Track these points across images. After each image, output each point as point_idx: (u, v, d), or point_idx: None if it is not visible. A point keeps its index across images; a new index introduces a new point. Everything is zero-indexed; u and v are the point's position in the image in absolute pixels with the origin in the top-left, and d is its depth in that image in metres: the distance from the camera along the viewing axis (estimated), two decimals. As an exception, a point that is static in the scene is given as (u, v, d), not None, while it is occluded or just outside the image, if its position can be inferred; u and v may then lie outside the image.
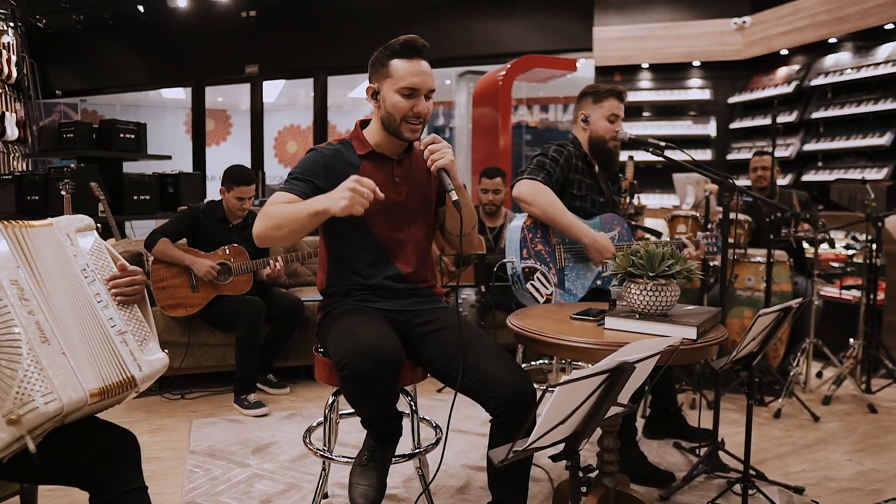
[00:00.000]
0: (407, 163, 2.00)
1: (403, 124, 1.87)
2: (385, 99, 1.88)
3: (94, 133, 6.19)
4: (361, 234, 1.95)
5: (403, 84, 1.84)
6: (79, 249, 1.69)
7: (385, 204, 1.86)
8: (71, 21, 9.41)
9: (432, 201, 2.04)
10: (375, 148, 1.96)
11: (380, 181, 1.89)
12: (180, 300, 3.41)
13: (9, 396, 1.39)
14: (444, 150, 1.81)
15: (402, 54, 1.86)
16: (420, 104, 1.86)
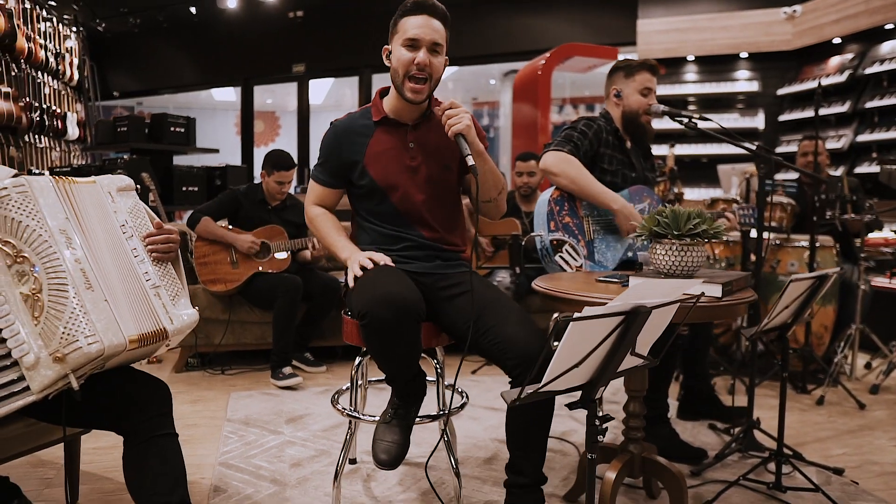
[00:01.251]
0: (424, 129, 2.00)
1: (405, 81, 1.88)
2: (393, 57, 1.91)
3: (146, 127, 6.42)
4: (380, 199, 1.99)
5: (406, 36, 1.86)
6: (119, 206, 1.77)
7: (398, 170, 1.93)
8: (128, 25, 9.78)
9: (452, 168, 2.03)
10: (390, 114, 1.99)
11: (392, 147, 1.95)
12: (220, 276, 3.52)
13: (56, 336, 1.47)
14: (462, 115, 1.82)
15: (410, 11, 1.88)
16: (420, 55, 1.85)
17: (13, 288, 1.49)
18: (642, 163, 2.63)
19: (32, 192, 1.54)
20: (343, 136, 2.00)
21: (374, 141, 1.97)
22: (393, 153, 1.96)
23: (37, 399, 1.49)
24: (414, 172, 1.98)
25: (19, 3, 6.93)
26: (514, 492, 1.84)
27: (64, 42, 8.34)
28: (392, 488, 2.21)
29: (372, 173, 1.96)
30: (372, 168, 1.97)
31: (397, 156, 1.96)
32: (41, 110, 7.32)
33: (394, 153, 1.96)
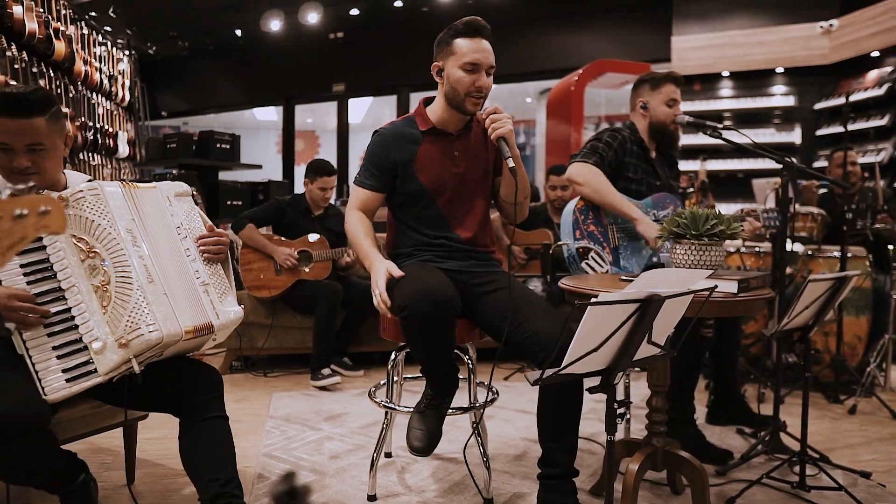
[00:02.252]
0: (465, 138, 2.15)
1: (466, 98, 2.02)
2: (449, 75, 2.04)
3: (193, 144, 6.71)
4: (427, 203, 2.12)
5: (466, 60, 1.99)
6: (175, 210, 1.94)
7: (445, 176, 2.08)
8: (177, 48, 10.22)
9: (489, 172, 2.17)
10: (436, 124, 2.12)
11: (439, 154, 2.09)
12: (264, 282, 3.70)
13: (121, 324, 1.63)
14: (505, 120, 1.95)
15: (464, 33, 2.02)
16: (481, 79, 2.01)
17: (86, 280, 1.66)
18: (667, 171, 2.71)
19: (104, 196, 1.72)
20: (391, 142, 2.12)
21: (423, 149, 2.10)
22: (440, 160, 2.09)
23: (103, 380, 1.65)
24: (459, 178, 2.12)
25: (78, 29, 7.33)
26: (547, 484, 1.93)
27: (117, 65, 8.75)
28: (425, 479, 2.32)
29: (421, 178, 2.09)
30: (421, 174, 2.10)
31: (444, 162, 2.09)
32: (95, 129, 7.69)
33: (441, 160, 2.09)
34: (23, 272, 1.63)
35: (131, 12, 8.38)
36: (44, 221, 0.90)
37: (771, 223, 2.81)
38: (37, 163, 1.71)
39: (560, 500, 1.88)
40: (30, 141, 1.69)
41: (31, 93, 1.69)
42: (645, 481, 2.29)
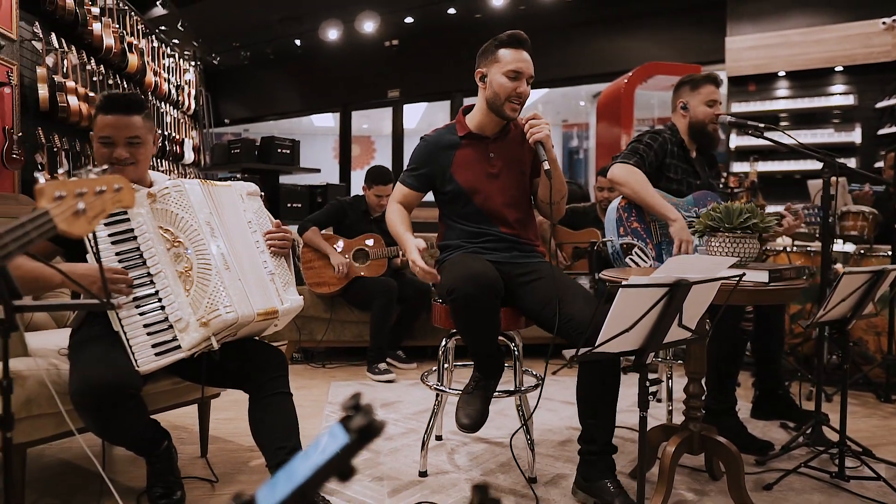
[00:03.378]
0: (501, 141, 2.32)
1: (506, 103, 2.20)
2: (492, 81, 2.21)
3: (255, 149, 7.05)
4: (465, 202, 2.30)
5: (509, 68, 2.17)
6: (247, 207, 2.15)
7: (480, 176, 2.26)
8: (239, 58, 10.64)
9: (525, 173, 2.33)
10: (474, 129, 2.31)
11: (475, 157, 2.28)
12: (324, 280, 3.91)
13: (201, 305, 1.83)
14: (542, 126, 2.13)
15: (508, 44, 2.20)
16: (522, 86, 2.19)
17: (171, 266, 1.87)
18: (707, 171, 2.78)
19: (186, 192, 1.93)
20: (433, 147, 2.33)
21: (460, 153, 2.28)
22: (476, 162, 2.27)
23: (185, 356, 1.85)
24: (494, 178, 2.28)
25: (149, 43, 7.77)
26: (587, 458, 2.06)
27: (183, 75, 9.20)
28: (472, 460, 2.46)
29: (458, 179, 2.28)
30: (458, 175, 2.28)
31: (480, 164, 2.26)
32: (163, 137, 8.12)
33: (477, 162, 2.26)
34: (117, 259, 1.85)
35: (198, 26, 8.80)
36: (118, 196, 1.09)
37: (812, 220, 2.84)
38: (133, 154, 1.96)
39: (598, 475, 2.00)
40: (129, 134, 1.94)
41: (130, 95, 1.95)
42: (684, 467, 2.39)
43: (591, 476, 2.02)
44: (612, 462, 2.03)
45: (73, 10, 5.81)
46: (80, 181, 0.99)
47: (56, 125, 5.61)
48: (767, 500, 2.13)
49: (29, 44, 5.34)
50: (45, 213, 0.90)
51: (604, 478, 1.99)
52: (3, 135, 4.83)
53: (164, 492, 2.01)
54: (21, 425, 1.78)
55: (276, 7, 8.74)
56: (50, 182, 0.95)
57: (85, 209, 0.97)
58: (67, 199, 0.94)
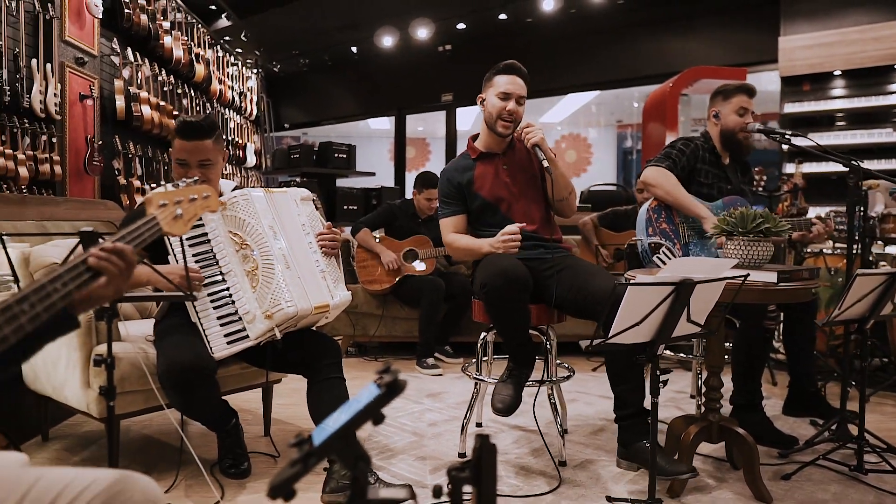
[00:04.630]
0: (510, 155, 2.61)
1: (498, 121, 2.51)
2: (487, 103, 2.54)
3: (314, 154, 7.41)
4: (493, 212, 2.56)
5: (500, 90, 2.50)
6: (301, 211, 2.40)
7: (499, 187, 2.54)
8: (298, 65, 11.07)
9: (537, 177, 2.59)
10: (483, 150, 2.61)
11: (491, 173, 2.56)
12: (376, 277, 4.18)
13: (266, 300, 2.10)
14: (535, 130, 2.42)
15: (503, 71, 2.53)
16: (511, 105, 2.49)
17: (240, 266, 2.14)
18: (739, 177, 2.90)
19: (252, 200, 2.20)
20: (452, 174, 2.62)
21: (478, 171, 2.58)
22: (493, 177, 2.56)
23: (252, 344, 2.12)
24: (512, 187, 2.56)
25: (214, 53, 8.22)
26: (624, 423, 2.31)
27: (246, 82, 9.67)
28: (509, 445, 2.67)
29: (482, 194, 2.56)
30: (481, 190, 2.56)
31: (496, 178, 2.56)
32: (227, 142, 8.58)
33: (494, 176, 2.56)
34: (194, 260, 2.13)
35: (259, 35, 9.23)
36: (206, 203, 1.33)
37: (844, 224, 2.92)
38: (205, 174, 2.23)
39: (634, 437, 2.22)
40: (200, 158, 2.21)
41: (202, 121, 2.21)
42: (707, 457, 2.53)
43: (628, 441, 2.24)
44: (646, 424, 2.22)
45: (146, 26, 6.26)
46: (177, 191, 1.24)
47: (131, 133, 6.06)
48: (784, 489, 2.26)
49: (108, 58, 5.79)
50: (153, 218, 1.15)
51: (640, 439, 2.20)
52: (85, 143, 5.27)
53: (233, 462, 2.29)
54: (116, 399, 2.07)
55: (334, 16, 9.09)
56: (155, 193, 1.21)
57: (182, 214, 1.22)
58: (169, 206, 1.19)
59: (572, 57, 9.27)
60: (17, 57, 4.37)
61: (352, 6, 8.75)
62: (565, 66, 9.44)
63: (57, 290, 0.88)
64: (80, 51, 5.25)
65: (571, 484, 2.28)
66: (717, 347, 2.22)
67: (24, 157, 4.37)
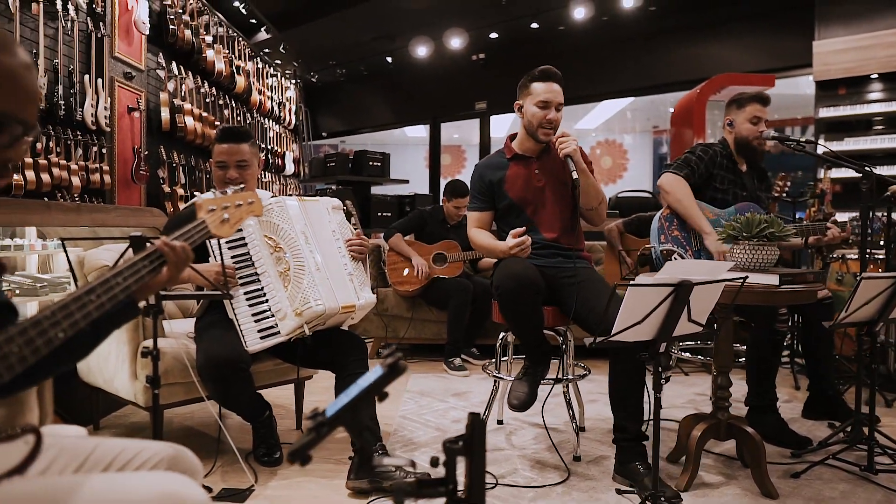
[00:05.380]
0: (544, 159, 2.66)
1: (539, 129, 2.57)
2: (526, 111, 2.59)
3: (349, 162, 7.64)
4: (517, 213, 2.64)
5: (539, 98, 2.55)
6: (332, 219, 2.57)
7: (528, 190, 2.60)
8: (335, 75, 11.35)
9: (567, 185, 2.64)
10: (519, 152, 2.69)
11: (523, 174, 2.63)
12: (406, 279, 4.35)
13: (297, 299, 2.26)
14: (570, 141, 2.47)
15: (539, 78, 2.58)
16: (551, 113, 2.55)
17: (273, 267, 2.31)
18: (755, 183, 2.97)
19: (286, 207, 2.37)
20: (485, 170, 2.72)
21: (510, 172, 2.65)
22: (524, 179, 2.62)
23: (283, 340, 2.29)
24: (541, 192, 2.62)
25: (255, 65, 8.52)
26: (621, 446, 2.34)
27: (285, 92, 9.95)
28: (527, 441, 2.78)
29: (510, 195, 2.63)
30: (510, 191, 2.64)
31: (527, 180, 2.61)
32: (266, 150, 8.85)
33: (524, 179, 2.62)
34: (233, 262, 2.31)
35: (298, 47, 9.52)
36: (250, 208, 1.48)
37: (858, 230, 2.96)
38: (242, 175, 2.44)
39: (630, 459, 2.27)
40: (238, 159, 2.43)
41: (240, 127, 2.44)
42: (720, 455, 2.61)
43: (624, 460, 2.30)
44: (642, 448, 2.29)
45: (190, 41, 6.55)
46: (224, 198, 1.39)
47: (175, 143, 6.35)
48: (793, 486, 2.33)
49: (154, 72, 6.08)
50: (202, 222, 1.31)
51: (635, 461, 2.27)
52: (132, 153, 5.56)
53: (266, 451, 2.46)
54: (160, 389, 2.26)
55: (369, 28, 9.32)
56: (205, 199, 1.36)
57: (228, 218, 1.37)
58: (216, 211, 1.35)
59: (605, 64, 9.32)
60: (72, 73, 4.66)
61: (386, 18, 8.96)
62: (598, 73, 9.50)
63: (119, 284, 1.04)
64: (128, 66, 5.54)
65: (583, 477, 2.38)
66: (724, 348, 2.30)
67: (77, 167, 4.65)
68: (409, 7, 8.60)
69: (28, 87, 0.97)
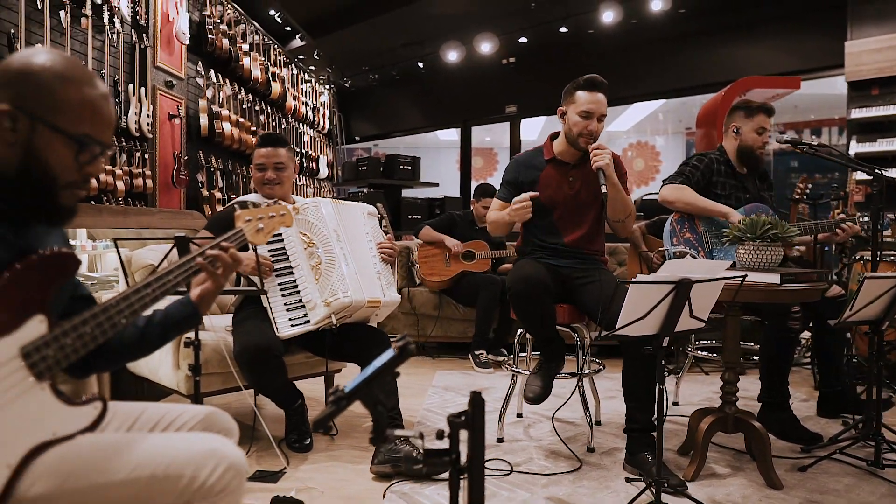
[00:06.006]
0: (581, 167, 2.74)
1: (580, 138, 2.63)
2: (569, 119, 2.66)
3: (380, 166, 7.83)
4: (544, 215, 2.74)
5: (582, 108, 2.61)
6: (366, 222, 2.75)
7: (559, 195, 2.71)
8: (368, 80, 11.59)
9: (598, 195, 2.69)
10: (557, 155, 2.76)
11: (557, 179, 2.71)
12: (436, 271, 4.56)
13: (326, 290, 2.44)
14: (604, 154, 2.54)
15: (584, 87, 2.63)
16: (592, 124, 2.61)
17: (306, 261, 2.49)
18: (757, 185, 3.04)
19: (320, 207, 2.55)
20: (522, 166, 2.82)
21: (545, 173, 2.75)
22: (557, 182, 2.73)
23: (312, 328, 2.46)
24: (572, 198, 2.73)
25: (289, 71, 8.77)
26: (631, 436, 2.46)
27: (319, 98, 10.21)
28: (544, 433, 2.91)
29: (541, 196, 2.70)
30: (541, 192, 2.71)
31: (560, 185, 2.72)
32: (301, 154, 9.10)
33: (557, 182, 2.72)
34: (270, 255, 2.50)
35: (331, 53, 9.77)
36: (282, 220, 1.65)
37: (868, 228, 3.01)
38: (279, 176, 2.69)
39: (639, 449, 2.39)
40: (276, 161, 2.68)
41: (277, 134, 2.66)
42: (729, 448, 2.71)
43: (634, 450, 2.42)
44: (650, 439, 2.40)
45: (227, 50, 6.81)
46: (260, 209, 1.57)
47: (213, 148, 6.61)
48: (798, 479, 2.41)
49: (193, 80, 6.35)
50: (240, 230, 1.48)
51: (643, 451, 2.38)
52: (173, 158, 5.82)
53: (298, 438, 2.64)
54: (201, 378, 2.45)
55: (400, 34, 9.52)
56: (243, 211, 1.54)
57: (263, 227, 1.55)
58: (253, 221, 1.53)
59: (635, 66, 9.35)
60: (117, 83, 4.92)
61: (417, 24, 9.14)
62: (629, 76, 9.53)
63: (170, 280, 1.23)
64: (169, 75, 5.80)
65: (595, 467, 2.51)
66: (731, 345, 2.40)
67: (122, 172, 4.91)
68: (439, 13, 8.77)
69: (106, 114, 1.17)
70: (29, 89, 1.10)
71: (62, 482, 1.02)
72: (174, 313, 1.34)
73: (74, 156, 1.14)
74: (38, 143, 1.11)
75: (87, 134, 1.14)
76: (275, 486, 2.29)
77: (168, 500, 1.06)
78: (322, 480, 2.36)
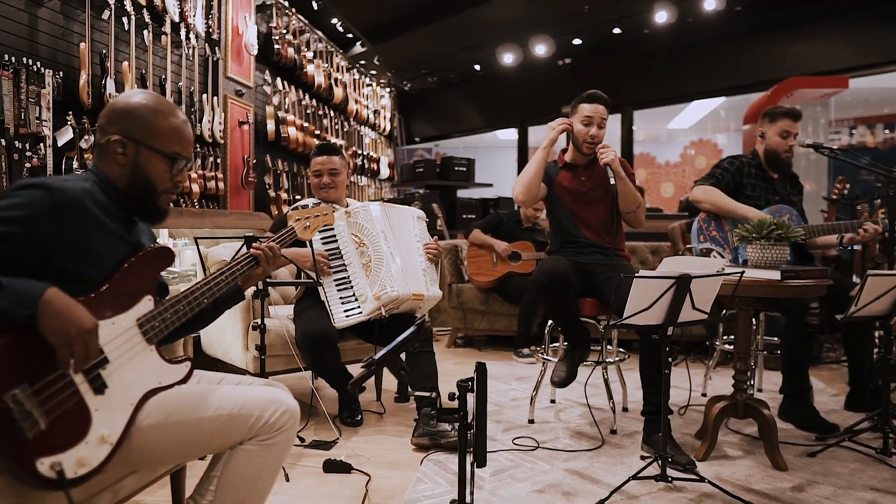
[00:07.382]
0: (591, 168, 3.06)
1: (583, 143, 2.96)
2: (574, 127, 2.99)
3: (436, 168, 8.17)
4: (563, 212, 3.05)
5: (584, 115, 2.95)
6: (414, 224, 3.07)
7: (573, 194, 3.01)
8: (427, 82, 11.95)
9: (610, 190, 2.95)
10: (568, 161, 3.10)
11: (570, 180, 3.03)
12: (484, 270, 4.84)
13: (376, 285, 2.76)
14: (609, 151, 2.86)
15: (586, 100, 2.98)
16: (592, 129, 2.94)
17: (357, 259, 2.83)
18: (787, 188, 3.21)
19: (370, 211, 2.89)
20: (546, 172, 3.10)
21: (559, 176, 3.07)
22: (570, 184, 3.03)
23: (364, 319, 2.79)
24: (585, 196, 3.02)
25: (351, 76, 9.20)
26: (648, 419, 2.70)
27: (379, 101, 10.62)
28: (573, 417, 3.17)
29: (559, 196, 3.04)
30: (558, 193, 3.05)
31: (573, 185, 3.02)
32: (362, 156, 9.52)
33: (571, 184, 3.02)
34: (327, 253, 2.84)
35: (391, 58, 10.16)
36: (325, 219, 1.99)
37: (889, 228, 3.12)
38: (333, 181, 3.06)
39: (655, 430, 2.62)
40: (330, 168, 3.05)
41: (332, 143, 3.01)
42: (744, 435, 2.90)
43: (650, 431, 2.66)
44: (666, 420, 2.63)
45: (292, 58, 7.26)
46: (307, 211, 1.92)
47: (279, 152, 7.08)
48: (806, 463, 2.59)
49: (261, 88, 6.83)
50: (291, 228, 1.84)
51: (658, 432, 2.61)
52: (242, 162, 6.29)
53: (349, 414, 2.98)
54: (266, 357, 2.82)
55: (458, 38, 9.82)
56: (293, 212, 1.89)
57: (309, 226, 1.90)
58: (301, 221, 1.88)
59: (692, 65, 9.37)
60: (192, 93, 5.41)
61: (474, 28, 9.42)
62: (686, 74, 9.55)
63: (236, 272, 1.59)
64: (239, 84, 6.28)
65: (615, 446, 2.75)
66: (743, 336, 2.60)
67: (196, 175, 5.39)
68: (494, 17, 9.01)
69: (188, 135, 1.54)
70: (132, 122, 1.47)
71: (166, 416, 1.37)
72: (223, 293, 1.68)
73: (169, 169, 1.50)
74: (141, 162, 1.47)
75: (176, 151, 1.51)
76: (327, 453, 2.63)
77: (241, 433, 1.40)
78: (369, 449, 2.69)
